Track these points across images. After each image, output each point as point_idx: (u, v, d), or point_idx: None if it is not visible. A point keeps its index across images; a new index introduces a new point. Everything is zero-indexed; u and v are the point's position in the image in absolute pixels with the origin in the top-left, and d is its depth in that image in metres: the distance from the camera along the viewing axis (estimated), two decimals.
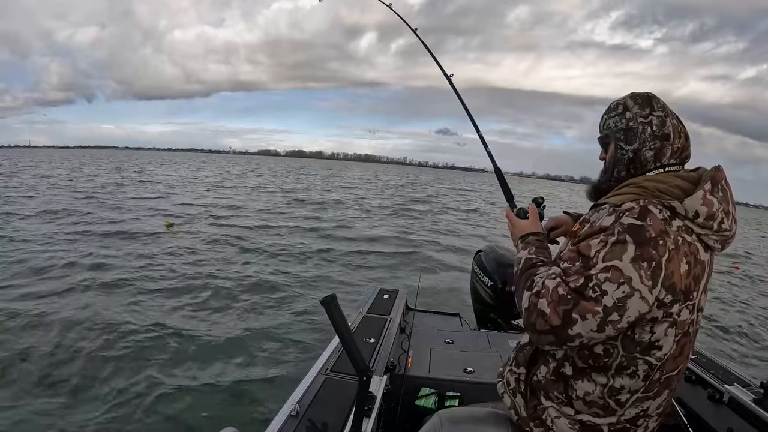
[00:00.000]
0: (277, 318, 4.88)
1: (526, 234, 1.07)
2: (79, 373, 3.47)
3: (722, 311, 6.76)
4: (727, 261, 11.37)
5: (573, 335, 0.82)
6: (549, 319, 0.82)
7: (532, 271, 0.93)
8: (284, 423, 1.36)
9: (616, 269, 0.80)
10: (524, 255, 1.00)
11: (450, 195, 28.01)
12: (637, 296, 0.80)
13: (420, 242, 10.21)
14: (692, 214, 0.85)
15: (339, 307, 0.98)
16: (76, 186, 18.81)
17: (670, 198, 0.86)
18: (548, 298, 0.83)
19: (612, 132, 0.99)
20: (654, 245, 0.80)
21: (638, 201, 0.86)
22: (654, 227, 0.82)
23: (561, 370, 0.95)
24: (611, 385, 0.89)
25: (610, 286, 0.80)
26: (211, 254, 7.64)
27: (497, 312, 2.67)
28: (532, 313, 0.85)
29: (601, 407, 0.91)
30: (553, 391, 0.96)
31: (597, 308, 0.80)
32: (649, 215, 0.83)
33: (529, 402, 1.01)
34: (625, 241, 0.81)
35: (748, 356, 5.11)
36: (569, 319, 0.81)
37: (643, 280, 0.79)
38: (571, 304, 0.81)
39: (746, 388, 1.61)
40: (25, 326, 4.23)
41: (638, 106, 0.96)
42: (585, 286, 0.81)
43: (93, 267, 6.38)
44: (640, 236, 0.81)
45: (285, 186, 26.20)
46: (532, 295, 0.86)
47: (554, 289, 0.83)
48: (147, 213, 11.86)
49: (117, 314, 4.65)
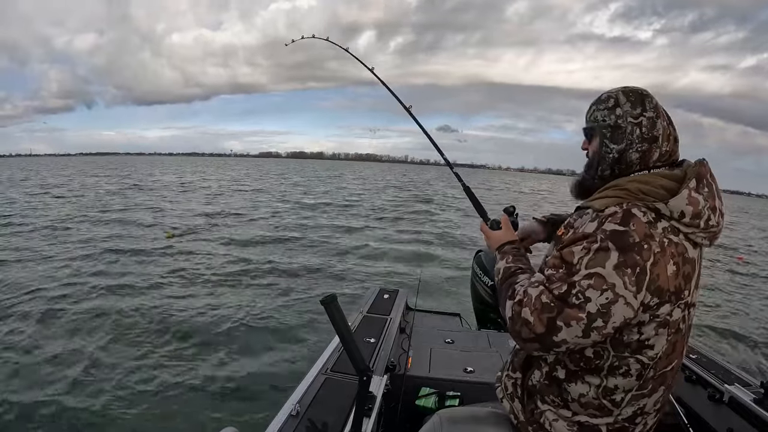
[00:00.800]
0: (277, 318, 4.88)
1: (502, 244, 1.08)
2: (78, 373, 3.47)
3: (722, 311, 6.75)
4: (724, 254, 11.36)
5: (558, 341, 0.82)
6: (533, 328, 0.82)
7: (512, 280, 0.93)
8: (284, 423, 1.36)
9: (599, 276, 0.79)
10: (502, 265, 1.01)
11: (449, 192, 27.99)
12: (622, 302, 0.79)
13: (420, 242, 10.21)
14: (678, 214, 0.83)
15: (339, 307, 0.98)
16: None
17: (654, 200, 0.84)
18: (531, 307, 0.83)
19: (599, 126, 0.96)
20: (638, 251, 0.80)
21: (621, 205, 0.84)
22: (638, 232, 0.80)
23: (554, 373, 0.95)
24: (605, 386, 0.89)
25: (594, 293, 0.79)
26: (211, 255, 7.65)
27: (497, 312, 2.66)
28: (516, 322, 0.85)
29: (597, 408, 0.91)
30: (549, 394, 0.96)
31: (581, 315, 0.79)
32: (632, 219, 0.82)
33: (526, 406, 1.01)
34: (608, 248, 0.80)
35: (747, 356, 5.11)
36: (554, 326, 0.81)
37: (627, 286, 0.79)
38: (555, 311, 0.81)
39: (746, 388, 1.61)
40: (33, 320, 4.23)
41: (630, 104, 0.92)
42: (568, 293, 0.81)
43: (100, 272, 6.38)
44: (623, 242, 0.80)
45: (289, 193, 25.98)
46: (515, 303, 0.86)
47: (537, 297, 0.83)
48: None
49: (117, 315, 4.66)
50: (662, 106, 0.95)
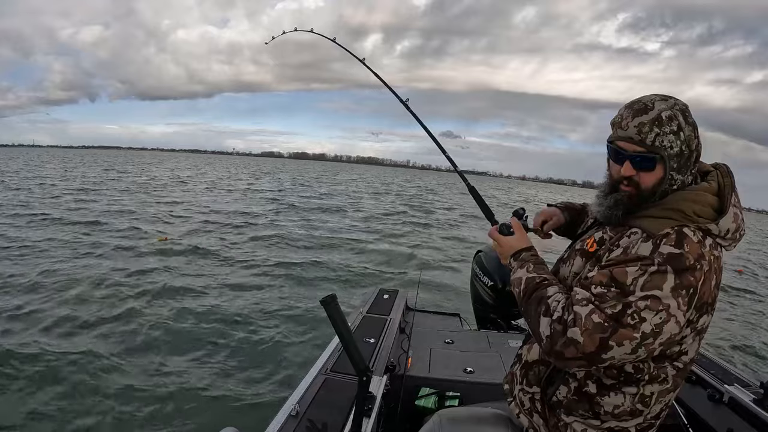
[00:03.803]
0: (276, 318, 4.87)
1: (518, 251, 1.02)
2: (77, 373, 3.46)
3: (722, 312, 6.76)
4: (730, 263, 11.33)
5: (606, 359, 0.81)
6: (583, 347, 0.80)
7: (542, 294, 0.90)
8: (284, 423, 1.36)
9: (655, 298, 0.79)
10: (524, 275, 0.96)
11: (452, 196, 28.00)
12: (673, 321, 0.80)
13: (420, 242, 10.21)
14: (724, 232, 0.86)
15: (339, 307, 0.98)
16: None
17: (707, 220, 0.86)
18: (582, 326, 0.80)
19: (667, 154, 0.85)
20: (692, 272, 0.80)
21: (673, 227, 0.84)
22: (692, 253, 0.81)
23: (584, 389, 0.93)
24: (641, 393, 0.90)
25: (649, 314, 0.79)
26: (209, 256, 7.65)
27: (497, 312, 2.67)
28: (557, 340, 0.82)
29: (630, 413, 0.92)
30: (578, 409, 0.95)
31: (635, 335, 0.79)
32: (686, 240, 0.82)
33: (549, 420, 0.99)
34: (666, 271, 0.80)
35: (747, 357, 5.11)
36: (605, 345, 0.79)
37: (680, 306, 0.79)
38: (609, 332, 0.79)
39: (746, 388, 1.61)
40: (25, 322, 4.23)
41: (689, 126, 0.85)
42: (623, 313, 0.79)
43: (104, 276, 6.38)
44: (679, 264, 0.80)
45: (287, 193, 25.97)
46: (554, 321, 0.83)
47: (588, 316, 0.80)
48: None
49: (117, 314, 4.66)
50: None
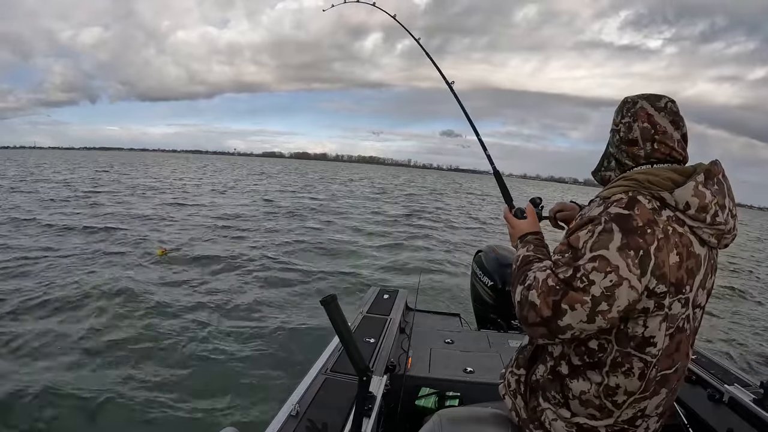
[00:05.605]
0: (276, 318, 4.87)
1: (525, 233, 1.08)
2: (76, 373, 3.47)
3: (722, 313, 6.76)
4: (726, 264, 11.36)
5: (563, 326, 0.83)
6: (539, 311, 0.84)
7: (527, 267, 0.95)
8: (284, 423, 1.36)
9: (603, 258, 0.80)
10: (522, 252, 1.02)
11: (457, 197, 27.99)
12: (626, 285, 0.80)
13: (421, 242, 10.21)
14: (683, 205, 0.85)
15: (339, 307, 0.98)
16: None
17: (660, 189, 0.86)
18: (538, 290, 0.85)
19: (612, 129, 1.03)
20: (641, 233, 0.81)
21: (627, 192, 0.87)
22: (641, 216, 0.82)
23: (558, 368, 0.95)
24: (606, 384, 0.89)
25: (597, 276, 0.80)
26: (208, 257, 7.65)
27: (497, 312, 2.67)
28: (524, 306, 0.87)
29: (597, 408, 0.91)
30: (551, 390, 0.96)
31: (585, 298, 0.80)
32: (637, 205, 0.84)
33: (528, 403, 1.01)
34: (611, 230, 0.81)
35: (747, 357, 5.11)
36: (558, 309, 0.82)
37: (631, 269, 0.80)
38: (559, 294, 0.82)
39: (746, 388, 1.61)
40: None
41: (619, 114, 1.00)
42: (573, 276, 0.82)
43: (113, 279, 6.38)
44: (626, 225, 0.81)
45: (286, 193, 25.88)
46: (524, 288, 0.89)
47: (544, 280, 0.85)
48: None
49: (117, 314, 4.66)
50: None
